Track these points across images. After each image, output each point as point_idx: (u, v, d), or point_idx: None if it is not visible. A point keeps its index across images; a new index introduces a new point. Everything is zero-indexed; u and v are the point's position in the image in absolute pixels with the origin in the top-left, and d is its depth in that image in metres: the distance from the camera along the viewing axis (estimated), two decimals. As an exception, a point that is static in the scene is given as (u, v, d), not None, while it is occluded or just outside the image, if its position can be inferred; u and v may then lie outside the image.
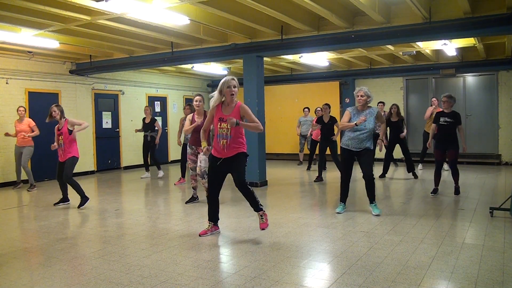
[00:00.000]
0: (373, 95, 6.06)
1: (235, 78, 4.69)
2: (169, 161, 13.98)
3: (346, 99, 13.37)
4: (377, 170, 9.85)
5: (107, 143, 12.14)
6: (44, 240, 5.07)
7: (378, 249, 4.40)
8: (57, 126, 6.93)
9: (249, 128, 4.72)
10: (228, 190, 8.04)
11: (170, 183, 9.82)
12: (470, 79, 12.40)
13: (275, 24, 7.95)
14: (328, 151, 9.43)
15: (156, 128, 10.23)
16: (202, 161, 6.58)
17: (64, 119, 6.87)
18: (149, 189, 9.10)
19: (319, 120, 9.31)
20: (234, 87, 4.61)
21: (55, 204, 7.05)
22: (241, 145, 4.70)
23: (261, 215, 4.85)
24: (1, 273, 3.95)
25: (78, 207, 6.76)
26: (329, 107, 9.31)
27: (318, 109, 10.98)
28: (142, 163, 12.91)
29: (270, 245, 4.61)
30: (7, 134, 8.88)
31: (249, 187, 4.74)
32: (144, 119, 10.46)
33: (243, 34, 8.32)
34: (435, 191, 7.34)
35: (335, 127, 9.08)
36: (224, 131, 4.60)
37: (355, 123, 5.79)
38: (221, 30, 7.93)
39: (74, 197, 7.05)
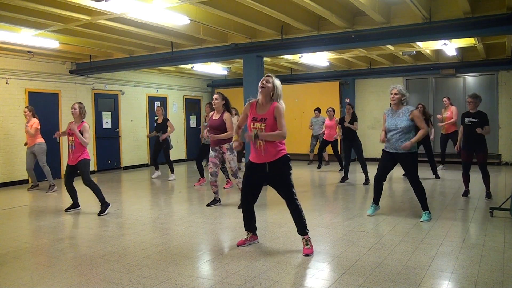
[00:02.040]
0: (408, 93, 5.68)
1: (273, 76, 4.37)
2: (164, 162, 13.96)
3: (346, 99, 13.36)
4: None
5: (107, 143, 12.14)
6: (44, 240, 5.07)
7: (378, 249, 4.40)
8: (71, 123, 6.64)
9: (273, 138, 4.21)
10: (228, 189, 8.04)
11: (170, 183, 9.81)
12: (470, 79, 12.39)
13: (275, 24, 7.94)
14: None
15: (168, 128, 10.16)
16: (231, 162, 6.44)
17: (82, 121, 6.58)
18: (149, 189, 9.10)
19: (341, 121, 9.24)
20: (267, 82, 4.29)
21: (66, 210, 6.68)
22: (279, 146, 4.26)
23: (306, 240, 4.32)
24: (1, 273, 3.96)
25: (99, 214, 6.32)
26: (352, 107, 9.23)
27: (330, 109, 10.99)
28: (142, 163, 13.04)
29: (270, 245, 4.61)
30: (26, 144, 8.71)
31: (299, 204, 4.31)
32: (156, 119, 10.41)
33: (243, 34, 8.32)
34: (466, 193, 7.08)
35: (355, 124, 8.96)
36: (257, 131, 4.23)
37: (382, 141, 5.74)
38: (221, 30, 7.93)
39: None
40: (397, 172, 10.12)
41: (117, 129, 12.42)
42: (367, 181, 8.75)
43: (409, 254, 4.20)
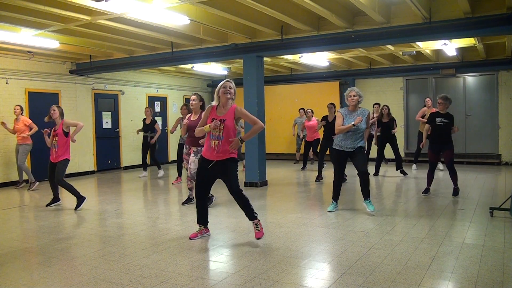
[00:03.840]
0: (363, 96, 6.19)
1: (232, 81, 4.72)
2: (169, 161, 13.99)
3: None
4: (370, 169, 9.93)
5: (107, 143, 12.14)
6: (44, 240, 5.07)
7: (378, 249, 4.40)
8: (54, 126, 6.89)
9: (254, 134, 4.75)
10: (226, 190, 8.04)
11: (170, 183, 9.82)
12: (470, 79, 12.40)
13: (275, 24, 7.95)
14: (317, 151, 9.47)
15: (155, 129, 10.24)
16: (192, 163, 6.53)
17: (62, 119, 6.83)
18: (149, 189, 9.10)
19: (324, 119, 9.31)
20: (230, 88, 4.62)
21: (47, 205, 6.98)
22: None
23: (256, 224, 4.77)
24: (1, 273, 3.95)
25: (75, 209, 6.66)
26: (334, 107, 9.33)
27: (309, 110, 11.21)
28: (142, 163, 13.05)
29: (270, 245, 4.61)
30: (3, 123, 8.95)
31: (244, 194, 4.70)
32: (144, 120, 10.49)
33: (243, 34, 8.32)
34: (426, 191, 7.37)
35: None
36: (216, 131, 4.56)
37: (353, 124, 5.82)
38: (221, 30, 7.93)
39: (68, 197, 7.02)
40: (394, 172, 10.13)
41: (117, 129, 12.43)
42: (318, 179, 9.28)
43: (409, 254, 4.20)
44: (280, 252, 4.35)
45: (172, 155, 14.15)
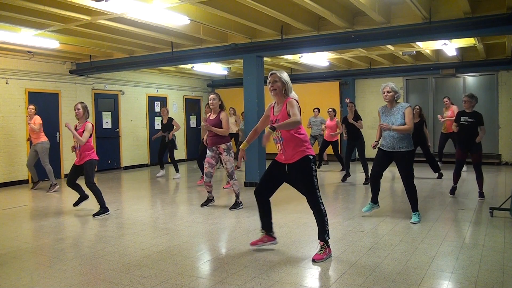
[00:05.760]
0: (400, 91, 5.73)
1: (278, 72, 4.15)
2: (169, 161, 13.96)
3: (346, 99, 13.37)
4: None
5: (107, 143, 12.14)
6: (44, 240, 5.07)
7: (378, 249, 4.40)
8: (75, 125, 6.58)
9: (289, 125, 3.95)
10: (227, 190, 8.05)
11: (170, 183, 9.82)
12: (470, 79, 12.40)
13: (275, 24, 7.95)
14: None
15: (174, 126, 10.21)
16: (228, 163, 6.39)
17: (86, 120, 6.50)
18: (149, 189, 9.10)
19: (345, 120, 9.24)
20: (275, 81, 4.12)
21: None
22: (301, 146, 4.03)
23: (321, 246, 4.12)
24: (1, 273, 3.96)
25: (94, 215, 6.24)
26: (354, 105, 9.28)
27: (330, 110, 10.90)
28: (142, 163, 13.05)
29: (270, 245, 4.61)
30: (29, 139, 8.83)
31: (323, 207, 4.09)
32: (161, 120, 10.47)
33: (243, 34, 8.32)
34: (453, 190, 7.11)
35: (359, 122, 8.93)
36: (275, 134, 4.07)
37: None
38: (221, 30, 7.93)
39: (70, 198, 7.03)
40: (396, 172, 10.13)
41: (117, 129, 12.42)
42: (367, 181, 8.73)
43: (409, 254, 4.20)
44: (280, 252, 4.35)
45: (176, 154, 14.11)
